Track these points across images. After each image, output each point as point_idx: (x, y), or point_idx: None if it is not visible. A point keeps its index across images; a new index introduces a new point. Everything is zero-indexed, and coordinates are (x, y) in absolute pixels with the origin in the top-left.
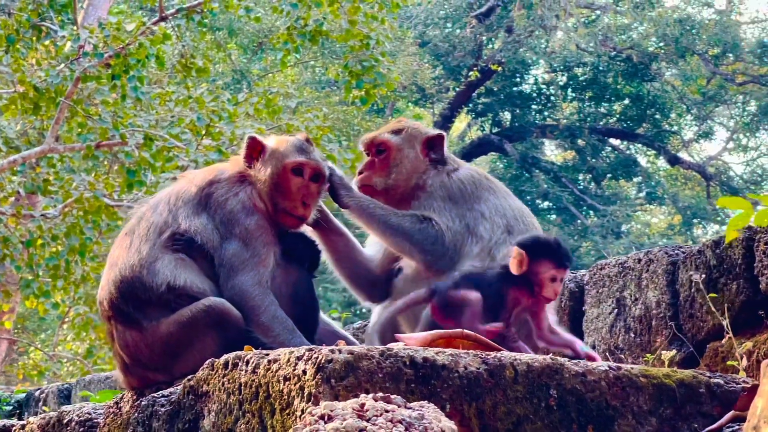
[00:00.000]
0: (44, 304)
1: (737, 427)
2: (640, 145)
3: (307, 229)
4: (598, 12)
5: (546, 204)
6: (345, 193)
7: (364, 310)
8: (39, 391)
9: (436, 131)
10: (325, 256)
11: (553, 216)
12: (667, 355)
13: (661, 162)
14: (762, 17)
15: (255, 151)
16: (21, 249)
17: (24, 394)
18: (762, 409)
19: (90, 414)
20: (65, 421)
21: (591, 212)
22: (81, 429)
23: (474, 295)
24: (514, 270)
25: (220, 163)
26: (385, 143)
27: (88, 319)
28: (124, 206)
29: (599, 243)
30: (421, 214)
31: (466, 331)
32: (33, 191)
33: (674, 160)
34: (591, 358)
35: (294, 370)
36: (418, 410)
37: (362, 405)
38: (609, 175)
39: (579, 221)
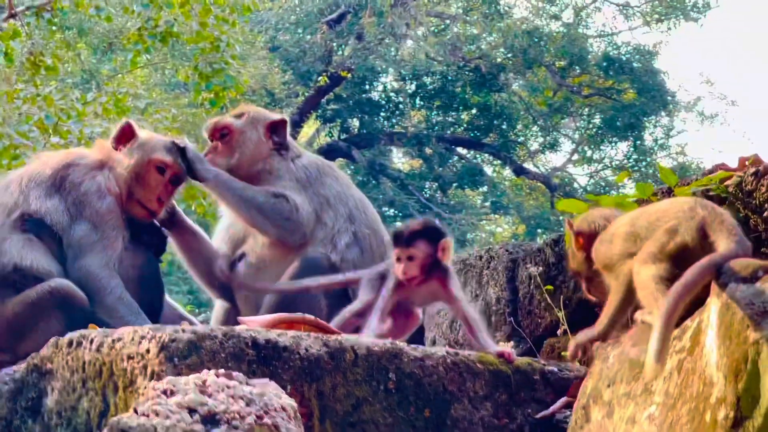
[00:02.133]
0: None
1: (569, 412)
2: (486, 155)
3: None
4: (447, 21)
5: (392, 211)
6: (201, 167)
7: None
8: None
9: (279, 116)
10: (180, 257)
11: (399, 223)
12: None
13: (507, 172)
14: (608, 31)
15: (126, 136)
16: None
17: None
18: (591, 389)
19: None
20: None
21: (437, 220)
22: None
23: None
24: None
25: (79, 148)
26: (227, 126)
27: None
28: None
29: None
30: (276, 190)
31: (307, 315)
32: None
33: (520, 171)
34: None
35: (138, 348)
36: (259, 387)
37: (204, 381)
38: (455, 184)
39: None
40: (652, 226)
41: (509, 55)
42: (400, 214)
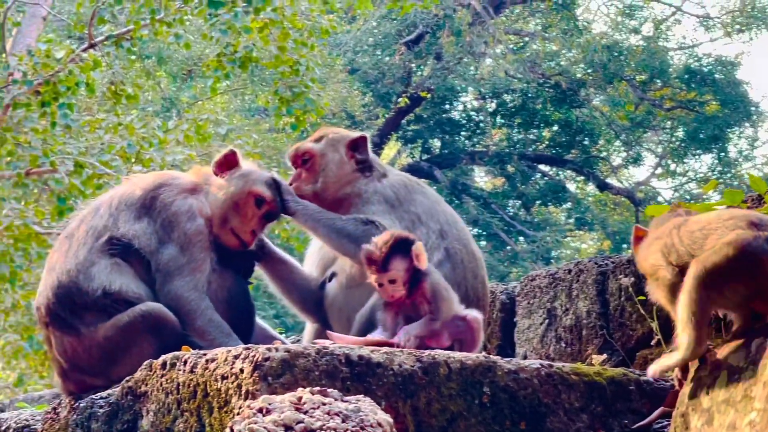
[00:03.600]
0: None
1: (666, 423)
2: (569, 171)
3: None
4: (526, 39)
5: (476, 230)
6: (291, 199)
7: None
8: None
9: (359, 133)
10: (272, 287)
11: (483, 242)
12: (598, 358)
13: (591, 188)
14: (689, 43)
15: (228, 163)
16: None
17: None
18: (690, 397)
19: (28, 420)
20: (3, 428)
21: (521, 238)
22: None
23: None
24: None
25: (173, 170)
26: (308, 151)
27: (18, 347)
28: (54, 234)
29: (529, 269)
30: (365, 217)
31: (391, 340)
32: None
33: (603, 186)
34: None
35: (231, 368)
36: (354, 403)
37: (300, 398)
38: (538, 201)
39: (509, 247)
40: (693, 238)
41: (589, 71)
42: (484, 233)
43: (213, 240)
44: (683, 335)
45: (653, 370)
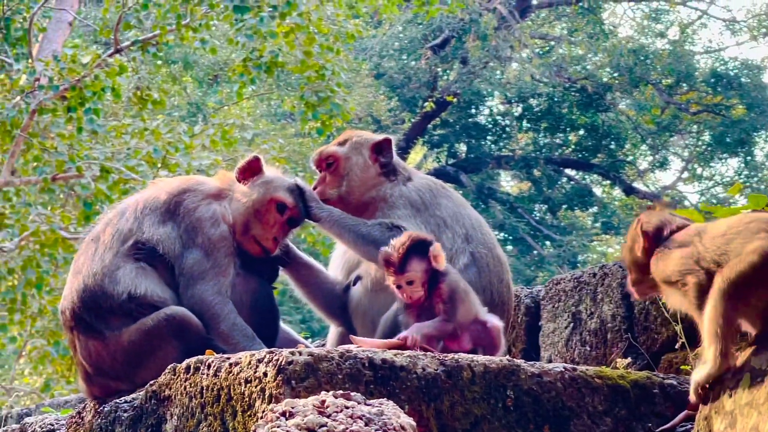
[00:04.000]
0: (1, 338)
1: (690, 426)
2: (595, 176)
3: None
4: (552, 43)
5: (502, 235)
6: (315, 205)
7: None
8: None
9: (383, 136)
10: (297, 292)
11: (510, 247)
12: (622, 362)
13: (617, 192)
14: (715, 47)
15: (251, 170)
16: None
17: None
18: (713, 399)
19: (53, 425)
20: None
21: (547, 242)
22: None
23: None
24: None
25: (198, 175)
26: (332, 155)
27: (45, 352)
28: (80, 239)
29: (555, 273)
30: (390, 222)
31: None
32: None
33: (629, 190)
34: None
35: (255, 372)
36: (377, 407)
37: (323, 402)
38: (565, 206)
39: (535, 252)
40: (716, 244)
41: (615, 75)
42: (510, 237)
43: (236, 246)
44: (710, 350)
45: (692, 395)
